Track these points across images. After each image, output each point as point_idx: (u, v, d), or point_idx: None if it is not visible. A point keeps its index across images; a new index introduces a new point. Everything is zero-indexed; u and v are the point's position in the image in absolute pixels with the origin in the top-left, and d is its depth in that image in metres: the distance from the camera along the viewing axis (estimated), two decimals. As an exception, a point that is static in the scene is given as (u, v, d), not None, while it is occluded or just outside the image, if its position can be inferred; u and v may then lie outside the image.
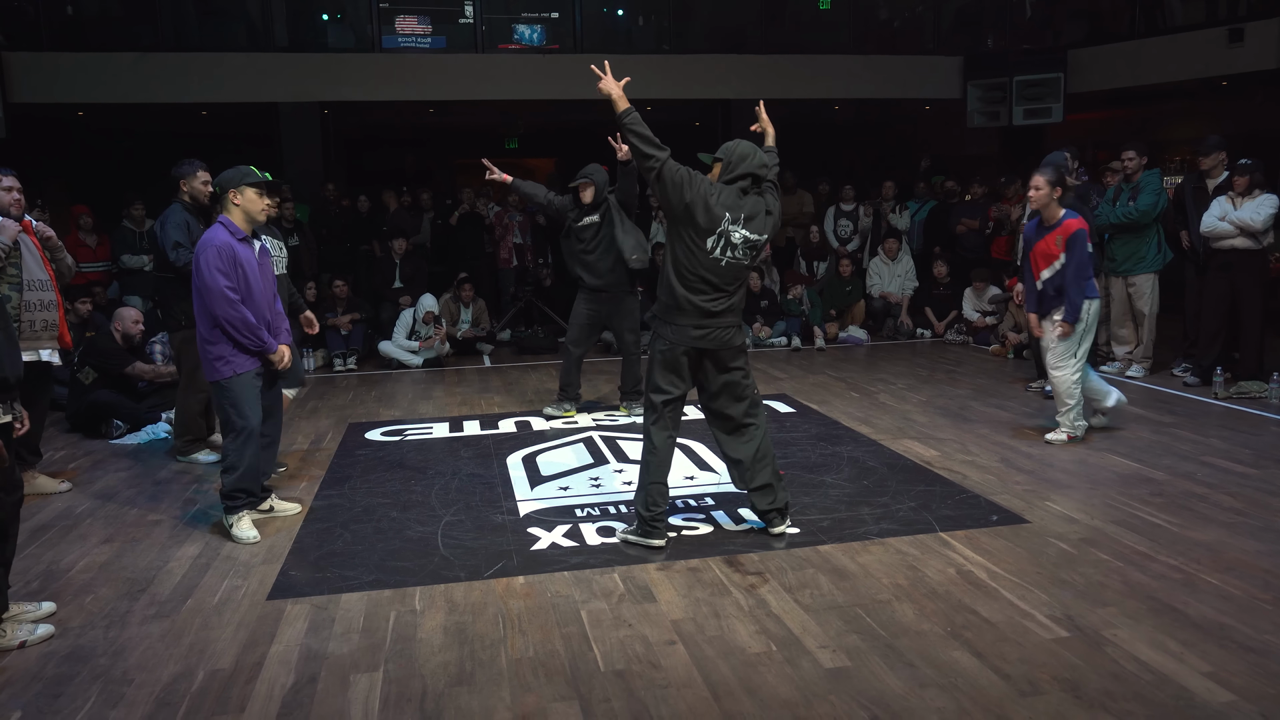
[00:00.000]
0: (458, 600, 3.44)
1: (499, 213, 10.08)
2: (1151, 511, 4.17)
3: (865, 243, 10.36)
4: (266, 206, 4.28)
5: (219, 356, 4.06)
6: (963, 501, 4.39)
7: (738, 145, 3.90)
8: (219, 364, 4.06)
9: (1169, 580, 3.45)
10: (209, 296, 4.00)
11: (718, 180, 3.84)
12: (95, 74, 9.51)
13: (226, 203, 4.16)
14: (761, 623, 3.20)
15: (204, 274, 4.00)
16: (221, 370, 4.06)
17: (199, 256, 4.04)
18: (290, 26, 10.74)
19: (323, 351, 8.60)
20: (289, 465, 5.28)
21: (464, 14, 10.62)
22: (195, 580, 3.68)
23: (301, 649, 3.09)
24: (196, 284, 4.04)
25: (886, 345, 9.23)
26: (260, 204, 4.19)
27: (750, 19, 11.73)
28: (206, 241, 4.07)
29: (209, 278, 3.99)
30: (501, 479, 4.94)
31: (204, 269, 4.00)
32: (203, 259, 4.02)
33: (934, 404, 6.48)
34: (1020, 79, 10.82)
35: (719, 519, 4.23)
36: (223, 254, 4.01)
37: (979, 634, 3.07)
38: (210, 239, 4.07)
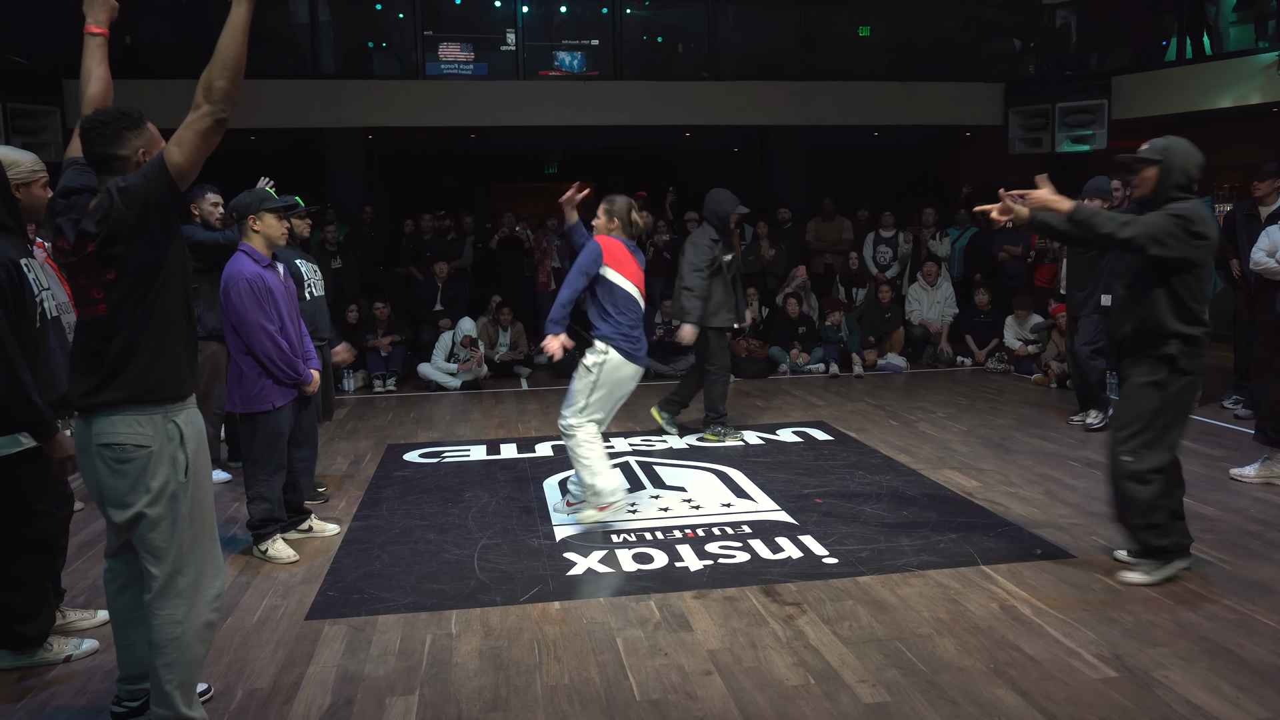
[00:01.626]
0: (493, 625, 3.43)
1: (537, 237, 10.17)
2: (1203, 549, 4.06)
3: (905, 269, 10.29)
4: (286, 230, 4.18)
5: (258, 390, 4.00)
6: (1005, 534, 4.31)
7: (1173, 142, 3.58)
8: (257, 398, 4.00)
9: (1223, 621, 3.34)
10: (246, 331, 3.94)
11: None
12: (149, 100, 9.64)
13: (245, 229, 4.07)
14: (799, 654, 3.15)
15: (238, 309, 3.92)
16: (260, 404, 4.01)
17: (229, 290, 3.94)
18: (337, 54, 10.99)
19: (363, 373, 8.70)
20: (328, 486, 5.33)
21: (506, 41, 10.80)
22: (235, 599, 3.71)
23: (338, 670, 3.10)
24: (230, 319, 3.97)
25: (926, 373, 9.12)
26: (280, 228, 4.11)
27: (789, 45, 11.76)
28: (235, 274, 3.96)
29: (244, 312, 3.92)
30: (538, 503, 4.94)
31: (237, 303, 3.91)
32: (234, 293, 3.92)
33: (975, 434, 6.38)
34: (1063, 105, 10.71)
35: (756, 548, 4.19)
36: (255, 286, 3.94)
37: (1023, 672, 3.00)
38: (238, 271, 3.97)
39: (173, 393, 2.50)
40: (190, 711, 2.57)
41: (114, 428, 2.44)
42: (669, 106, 10.87)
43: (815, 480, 5.28)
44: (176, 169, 2.34)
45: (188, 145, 2.33)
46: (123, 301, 2.41)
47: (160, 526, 2.47)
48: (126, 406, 2.44)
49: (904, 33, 12.05)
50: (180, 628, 2.51)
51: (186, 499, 2.50)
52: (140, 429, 2.44)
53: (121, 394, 2.43)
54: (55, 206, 2.54)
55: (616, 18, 11.01)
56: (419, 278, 9.60)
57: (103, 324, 2.43)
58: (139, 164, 2.46)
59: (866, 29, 12.01)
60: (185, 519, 2.50)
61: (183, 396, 2.54)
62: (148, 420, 2.45)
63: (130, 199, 2.34)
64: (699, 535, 4.36)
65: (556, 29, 11.23)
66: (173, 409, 2.50)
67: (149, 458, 2.45)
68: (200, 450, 2.57)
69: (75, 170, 2.65)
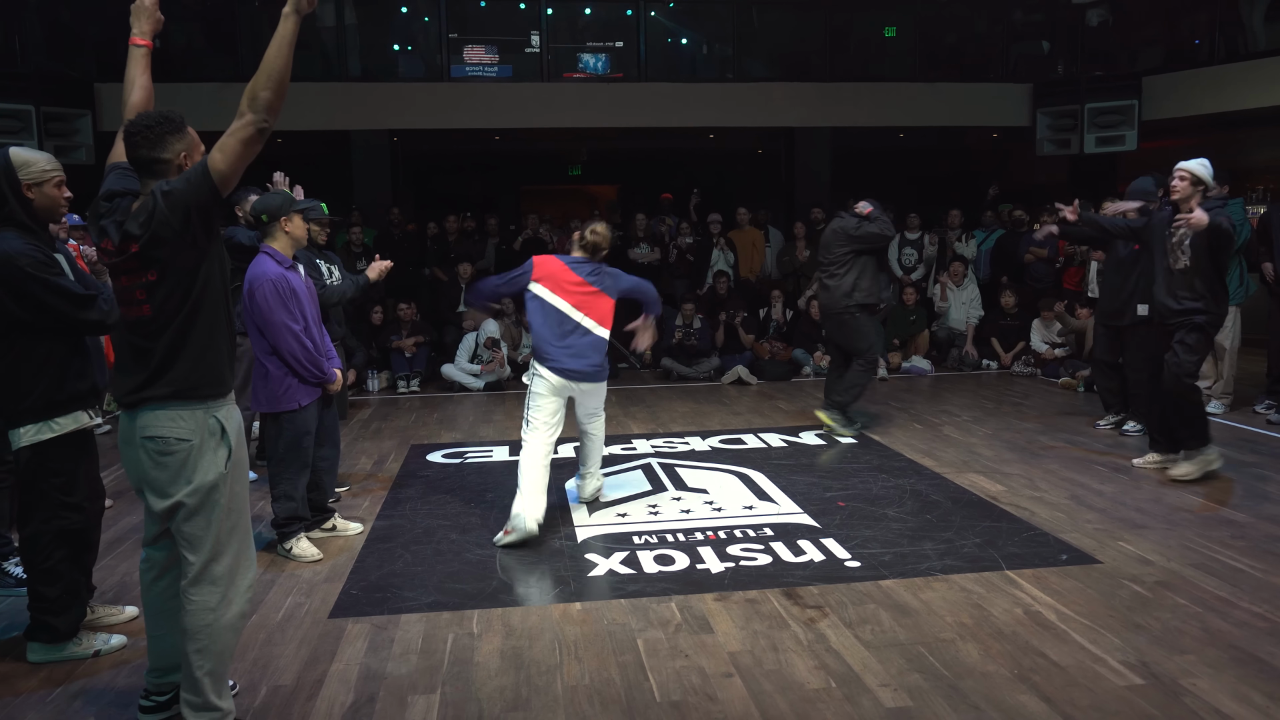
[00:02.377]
0: (515, 625, 3.44)
1: (560, 239, 10.19)
2: (1233, 555, 4.00)
3: (930, 272, 10.22)
4: (306, 230, 4.24)
5: (284, 389, 4.04)
6: (1030, 539, 4.26)
7: None
8: (283, 397, 4.04)
9: (1253, 628, 3.29)
10: (272, 331, 3.97)
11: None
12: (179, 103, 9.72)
13: (274, 230, 4.09)
14: (821, 658, 3.14)
15: (263, 309, 3.95)
16: (286, 403, 4.05)
17: (255, 291, 3.96)
18: (363, 57, 11.08)
19: (387, 373, 8.76)
20: (351, 485, 5.37)
21: (530, 44, 10.85)
22: (260, 596, 3.75)
23: (361, 668, 3.12)
24: (255, 320, 4.00)
25: (951, 376, 9.05)
26: (306, 228, 4.18)
27: (815, 46, 11.73)
28: (260, 275, 3.98)
29: (270, 313, 3.95)
30: (560, 504, 4.95)
31: (263, 304, 3.94)
32: (259, 294, 3.95)
33: (1000, 437, 6.32)
34: (1092, 106, 10.59)
35: (778, 550, 4.17)
36: (279, 287, 3.97)
37: (1047, 678, 2.97)
38: (263, 272, 3.99)
39: (215, 389, 2.58)
40: (219, 700, 2.61)
41: (158, 422, 2.52)
42: (693, 108, 10.87)
43: (838, 483, 5.26)
44: (219, 174, 2.40)
45: (230, 152, 2.39)
46: (165, 302, 2.49)
47: (198, 516, 2.55)
48: (170, 402, 2.52)
49: (931, 33, 11.97)
50: (213, 614, 2.57)
51: (226, 490, 2.58)
52: (183, 424, 2.52)
53: (166, 390, 2.52)
54: (99, 209, 2.60)
55: (640, 19, 11.03)
56: (443, 279, 9.66)
57: (147, 324, 2.51)
58: (181, 167, 2.53)
59: (893, 30, 11.94)
60: (224, 509, 2.58)
61: (224, 393, 2.62)
62: (190, 415, 2.53)
63: (174, 202, 2.41)
64: (720, 537, 4.35)
65: (580, 31, 11.26)
66: (214, 405, 2.58)
67: (190, 450, 2.53)
68: (240, 443, 2.65)
69: (118, 174, 2.71)
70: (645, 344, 4.92)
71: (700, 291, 9.80)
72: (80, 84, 9.52)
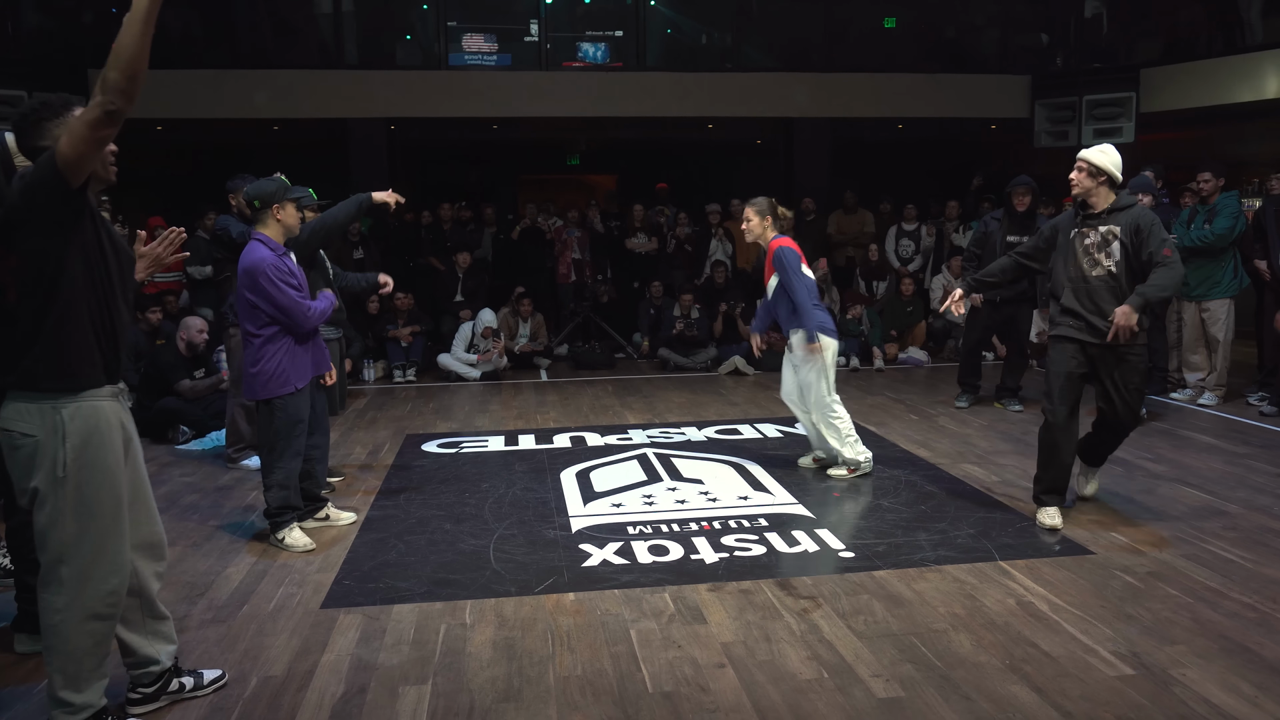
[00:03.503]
0: (508, 615, 3.44)
1: (558, 228, 10.17)
2: (1224, 546, 4.01)
3: (927, 263, 10.20)
4: (299, 220, 4.19)
5: (275, 373, 4.02)
6: (1024, 530, 4.27)
7: None
8: (273, 383, 4.02)
9: (1243, 619, 3.30)
10: (287, 310, 3.96)
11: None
12: (175, 90, 9.85)
13: (266, 218, 4.05)
14: (813, 648, 3.14)
15: (270, 291, 3.92)
16: (277, 389, 4.03)
17: (258, 277, 3.92)
18: (360, 44, 11.03)
19: (383, 363, 8.75)
20: (346, 475, 5.37)
21: (529, 32, 10.79)
22: (252, 587, 3.75)
23: (352, 659, 3.12)
24: (260, 304, 3.95)
25: (947, 367, 9.04)
26: (298, 217, 4.13)
27: (814, 37, 11.68)
28: (259, 260, 3.94)
29: (279, 294, 3.93)
30: (555, 494, 4.95)
31: (269, 287, 3.92)
32: (262, 279, 3.91)
33: (995, 428, 6.33)
34: (1090, 98, 10.56)
35: (772, 541, 4.18)
36: (279, 268, 3.97)
37: (1039, 668, 2.98)
38: (260, 258, 3.95)
39: (62, 384, 2.47)
40: (69, 695, 2.53)
41: (5, 414, 2.49)
42: (692, 98, 10.83)
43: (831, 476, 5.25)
44: (63, 159, 2.32)
45: (75, 136, 2.31)
46: (23, 289, 2.44)
47: (45, 509, 2.48)
48: (17, 393, 2.48)
49: (929, 24, 11.93)
50: (59, 616, 2.50)
51: (68, 493, 2.47)
52: (27, 419, 2.47)
53: (14, 380, 2.48)
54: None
55: (640, 8, 10.97)
56: (440, 268, 9.64)
57: (9, 310, 2.47)
58: None
59: (892, 20, 11.89)
60: (68, 512, 2.48)
61: (74, 389, 2.49)
62: (35, 410, 2.46)
63: (24, 188, 2.38)
64: (715, 528, 4.36)
65: (580, 20, 11.21)
66: (62, 401, 2.47)
67: (35, 447, 2.46)
68: (88, 447, 2.50)
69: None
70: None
71: (698, 282, 9.79)
72: (74, 69, 9.46)
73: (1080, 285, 4.24)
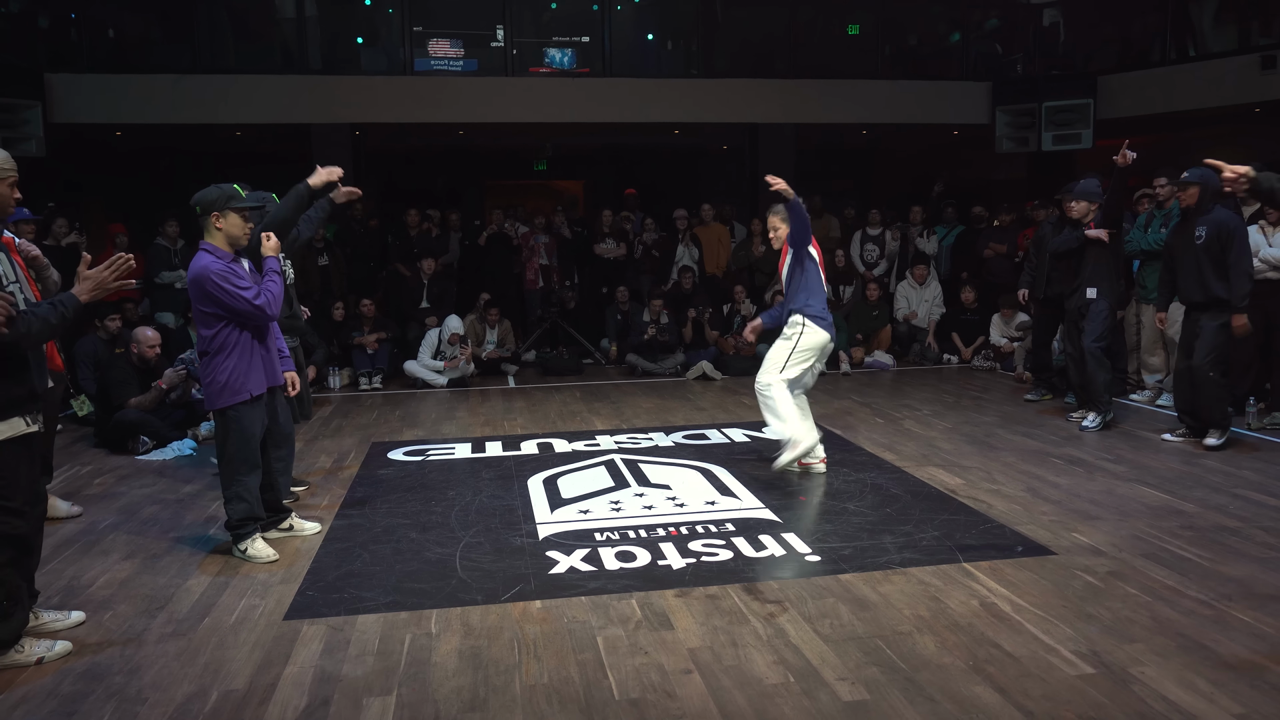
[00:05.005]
0: (474, 624, 3.42)
1: (525, 234, 10.15)
2: (1182, 545, 4.08)
3: (892, 267, 10.31)
4: (249, 231, 4.08)
5: (228, 383, 3.97)
6: (987, 531, 4.32)
7: None
8: (225, 393, 3.97)
9: (1199, 617, 3.36)
10: (235, 306, 3.88)
11: None
12: (134, 95, 9.71)
13: (209, 225, 3.98)
14: (780, 653, 3.15)
15: (216, 295, 3.84)
16: (229, 398, 3.98)
17: (204, 284, 3.83)
18: (324, 49, 10.93)
19: (348, 370, 8.67)
20: (311, 484, 5.31)
21: (495, 38, 10.76)
22: (214, 599, 3.69)
23: (316, 671, 3.08)
24: (207, 310, 3.89)
25: (913, 370, 9.14)
26: (244, 228, 4.02)
27: (779, 43, 11.76)
28: (205, 267, 3.86)
29: (225, 296, 3.85)
30: (522, 501, 4.93)
31: (215, 291, 3.83)
32: (209, 285, 3.84)
33: (960, 431, 6.40)
34: (1050, 104, 10.75)
35: (739, 545, 4.19)
36: (225, 272, 3.88)
37: (1002, 669, 3.01)
38: (204, 266, 3.88)
39: None
40: None
41: None
42: (659, 104, 10.85)
43: (800, 477, 5.29)
44: None
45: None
46: None
47: None
48: None
49: (893, 31, 12.07)
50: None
51: None
52: None
53: None
54: None
55: (606, 14, 10.99)
56: (407, 274, 9.56)
57: None
58: None
59: (856, 27, 12.02)
60: None
61: None
62: None
63: None
64: (683, 533, 4.36)
65: (546, 25, 11.20)
66: None
67: None
68: None
69: None
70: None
71: (665, 287, 9.81)
72: (30, 74, 9.29)
73: None
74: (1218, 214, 5.58)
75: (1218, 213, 5.59)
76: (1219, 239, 5.51)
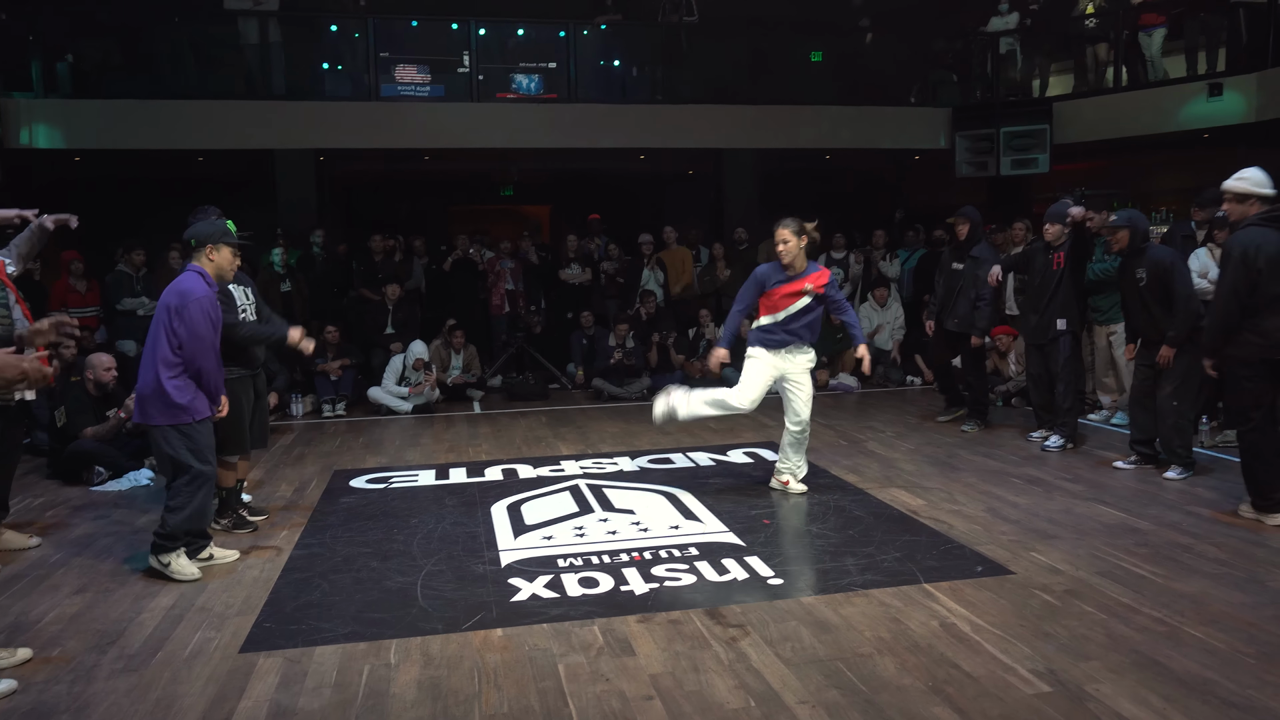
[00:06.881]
0: (434, 653, 3.39)
1: (491, 259, 10.14)
2: (1136, 562, 4.14)
3: (856, 290, 10.42)
4: (237, 266, 4.42)
5: (186, 403, 4.09)
6: (948, 552, 4.35)
7: None
8: (182, 411, 4.09)
9: (1153, 633, 3.41)
10: (199, 346, 4.07)
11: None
12: (93, 120, 9.62)
13: (201, 256, 4.26)
14: (741, 677, 3.15)
15: (198, 323, 4.06)
16: (185, 416, 4.10)
17: (188, 304, 4.06)
18: (289, 75, 10.89)
19: (312, 397, 8.58)
20: (270, 513, 5.23)
21: (462, 63, 10.80)
22: (167, 632, 3.62)
23: (271, 704, 3.03)
24: (183, 332, 4.04)
25: (877, 393, 9.23)
26: (233, 263, 4.34)
27: (742, 70, 11.92)
28: (192, 291, 4.10)
29: (202, 327, 4.07)
30: (485, 528, 4.90)
31: (198, 318, 4.06)
32: (194, 310, 4.06)
33: (922, 452, 6.46)
34: (1007, 130, 10.98)
35: (702, 570, 4.19)
36: (210, 307, 4.13)
37: (960, 689, 3.03)
38: (195, 289, 4.12)
39: None
40: None
41: None
42: (624, 129, 10.94)
43: (764, 501, 5.31)
44: None
45: None
46: None
47: None
48: None
49: (854, 59, 12.28)
50: None
51: None
52: None
53: None
54: None
55: (572, 41, 11.08)
56: (374, 299, 9.50)
57: None
58: None
59: (819, 54, 12.23)
60: None
61: None
62: None
63: None
64: (646, 558, 4.35)
65: (512, 52, 11.26)
66: None
67: None
68: None
69: None
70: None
71: (630, 311, 9.84)
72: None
73: None
74: (1153, 253, 5.64)
75: (1153, 251, 5.66)
76: (1159, 279, 5.52)
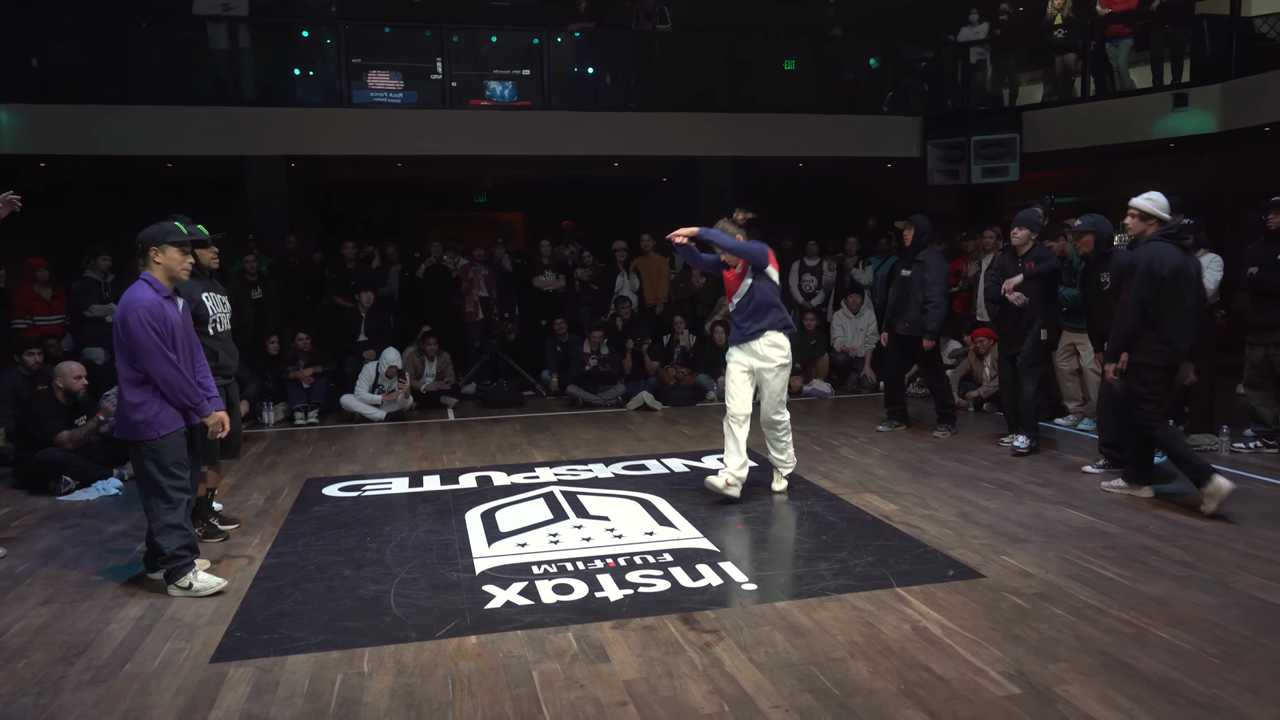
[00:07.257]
0: (407, 661, 3.37)
1: (465, 266, 10.11)
2: (1105, 565, 4.20)
3: (829, 297, 10.50)
4: (190, 265, 4.20)
5: (145, 419, 3.98)
6: (920, 556, 4.39)
7: None
8: (144, 426, 3.97)
9: (1120, 635, 3.46)
10: (145, 355, 3.94)
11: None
12: (59, 126, 9.48)
13: (149, 260, 4.11)
14: (715, 682, 3.16)
15: (136, 333, 3.93)
16: (146, 432, 3.98)
17: (127, 316, 3.94)
18: (260, 81, 10.81)
19: (284, 405, 8.50)
20: (242, 522, 5.18)
21: (435, 70, 10.76)
22: (136, 643, 3.57)
23: (242, 714, 3.00)
24: (127, 343, 3.95)
25: (850, 399, 9.29)
26: (183, 262, 4.13)
27: (716, 78, 11.98)
28: (134, 300, 3.98)
29: (142, 336, 3.93)
30: (459, 535, 4.88)
31: (136, 328, 3.92)
32: (133, 318, 3.93)
33: (894, 457, 6.51)
34: (978, 139, 11.11)
35: (676, 576, 4.19)
36: (154, 313, 3.97)
37: (932, 692, 3.06)
38: (138, 298, 3.99)
39: None
40: None
41: None
42: (598, 136, 10.95)
43: (738, 506, 5.33)
44: None
45: None
46: None
47: None
48: None
49: (828, 67, 12.38)
50: None
51: None
52: None
53: None
54: None
55: (546, 48, 11.08)
56: (348, 306, 9.44)
57: None
58: None
59: (792, 63, 12.30)
60: None
61: None
62: None
63: None
64: (620, 564, 4.35)
65: (486, 58, 11.24)
66: None
67: None
68: None
69: None
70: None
71: (604, 318, 9.85)
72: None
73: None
74: (1118, 257, 5.76)
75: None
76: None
